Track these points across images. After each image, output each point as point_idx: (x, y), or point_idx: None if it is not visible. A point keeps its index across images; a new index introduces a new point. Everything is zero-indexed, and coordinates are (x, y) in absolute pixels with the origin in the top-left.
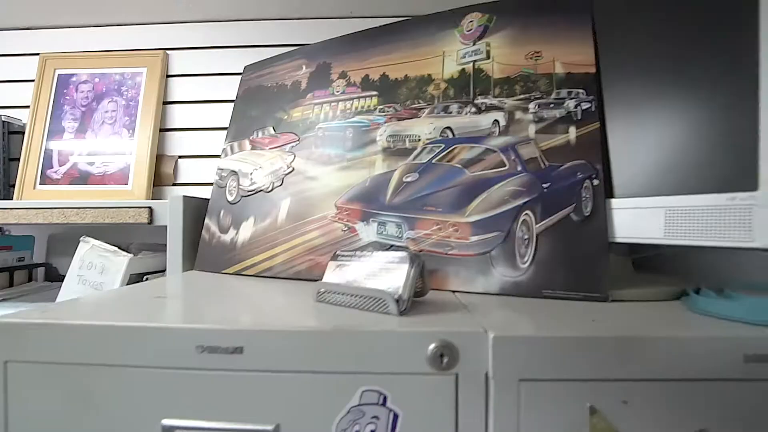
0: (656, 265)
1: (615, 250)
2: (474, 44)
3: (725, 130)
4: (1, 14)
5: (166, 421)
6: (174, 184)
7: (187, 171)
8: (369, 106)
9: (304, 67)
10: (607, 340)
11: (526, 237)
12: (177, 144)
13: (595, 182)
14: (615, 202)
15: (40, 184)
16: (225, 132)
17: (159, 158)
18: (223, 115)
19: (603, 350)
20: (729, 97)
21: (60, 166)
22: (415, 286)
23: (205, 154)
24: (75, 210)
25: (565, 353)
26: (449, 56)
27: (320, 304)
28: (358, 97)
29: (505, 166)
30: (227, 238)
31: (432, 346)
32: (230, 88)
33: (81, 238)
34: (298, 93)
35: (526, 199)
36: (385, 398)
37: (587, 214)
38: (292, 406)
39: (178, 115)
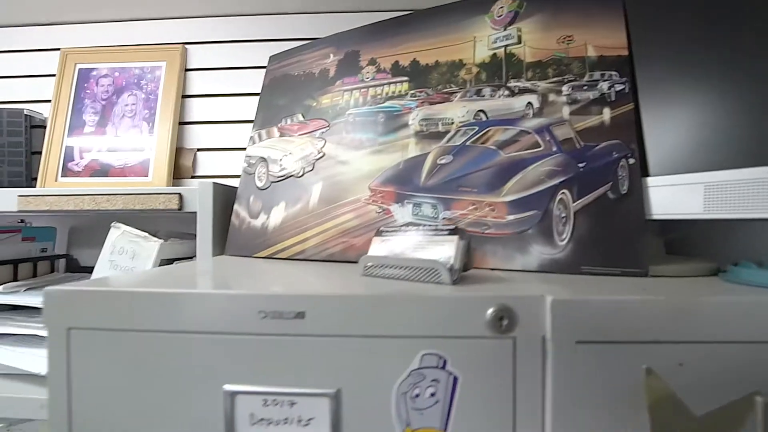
0: (687, 247)
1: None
2: (505, 29)
3: (764, 103)
4: (23, 10)
5: (228, 387)
6: (193, 177)
7: (205, 163)
8: (400, 92)
9: (331, 55)
10: (662, 302)
11: (563, 215)
12: (195, 137)
13: (631, 161)
14: (651, 181)
15: (61, 176)
16: (243, 125)
17: (178, 151)
18: (241, 108)
19: (659, 313)
20: (765, 70)
21: (81, 158)
22: (464, 259)
23: (223, 146)
24: (106, 197)
25: (621, 316)
26: (480, 41)
27: (368, 278)
28: (389, 83)
29: (540, 146)
30: (258, 223)
31: (491, 310)
32: (248, 81)
33: (112, 224)
34: (327, 80)
35: (563, 179)
36: (444, 362)
37: (624, 192)
38: (354, 370)
39: (196, 109)
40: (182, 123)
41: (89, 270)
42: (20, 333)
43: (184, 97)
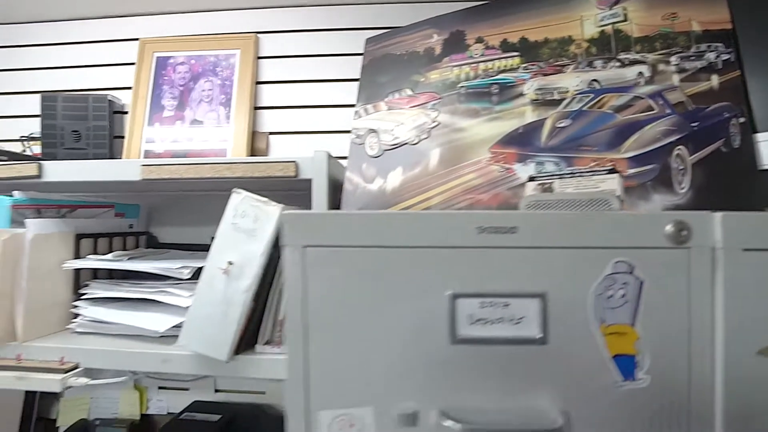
0: None
1: None
2: (610, 9)
3: None
4: (105, 3)
5: (450, 292)
6: None
7: (277, 147)
8: (512, 65)
9: (435, 35)
10: None
11: (681, 167)
12: (267, 121)
13: (741, 120)
14: (761, 136)
15: (144, 158)
16: (311, 110)
17: (252, 135)
18: (309, 93)
19: None
20: None
21: (162, 141)
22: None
23: (293, 130)
24: (226, 165)
25: None
26: (587, 20)
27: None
28: (499, 58)
29: (653, 110)
30: (373, 187)
31: (670, 225)
32: (316, 68)
33: (233, 190)
34: (433, 58)
35: (678, 137)
36: (633, 268)
37: (736, 147)
38: (557, 276)
39: (266, 95)
40: (255, 108)
41: (167, 246)
42: (130, 297)
43: (257, 83)
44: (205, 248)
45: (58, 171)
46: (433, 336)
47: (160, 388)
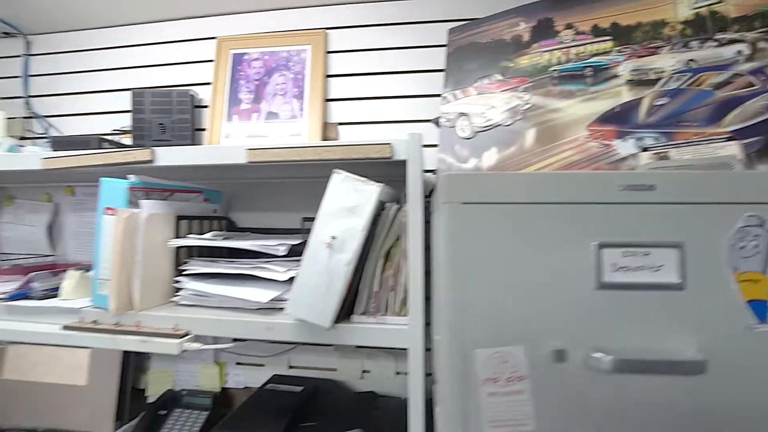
0: None
1: None
2: None
3: None
4: (185, 5)
5: (596, 242)
6: None
7: (345, 136)
8: (605, 49)
9: (521, 23)
10: None
11: None
12: (335, 112)
13: None
14: None
15: None
16: (376, 101)
17: (323, 125)
18: (375, 85)
19: None
20: None
21: (240, 132)
22: None
23: (360, 120)
24: (326, 147)
25: None
26: (681, 3)
27: None
28: (591, 43)
29: (755, 85)
30: (468, 165)
31: None
32: (380, 61)
33: (334, 171)
34: (521, 44)
35: None
36: (764, 221)
37: None
38: (693, 228)
39: (334, 87)
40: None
41: (243, 230)
42: (228, 273)
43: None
44: (277, 232)
45: (169, 156)
46: (580, 282)
47: (237, 363)
